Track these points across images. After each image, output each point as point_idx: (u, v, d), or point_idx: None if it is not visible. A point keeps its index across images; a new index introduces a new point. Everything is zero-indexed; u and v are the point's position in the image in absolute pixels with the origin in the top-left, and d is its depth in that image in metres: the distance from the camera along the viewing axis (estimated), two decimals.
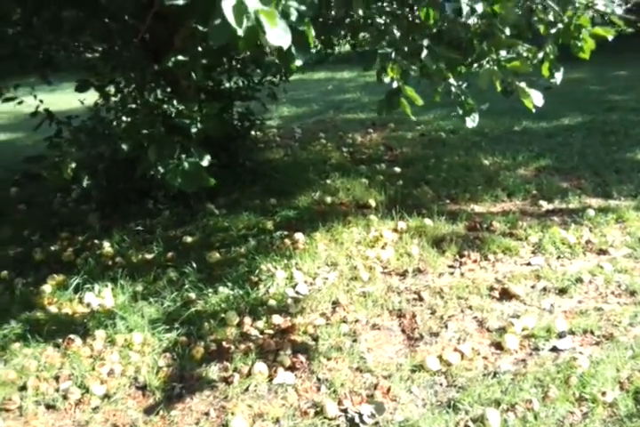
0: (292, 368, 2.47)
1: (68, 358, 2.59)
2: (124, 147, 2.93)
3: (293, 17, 1.54)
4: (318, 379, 2.41)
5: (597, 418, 2.07)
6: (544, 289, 2.94)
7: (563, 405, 2.14)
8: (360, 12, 2.57)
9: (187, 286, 3.08)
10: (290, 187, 4.25)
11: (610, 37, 2.56)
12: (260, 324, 2.78)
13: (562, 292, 2.91)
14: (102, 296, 3.08)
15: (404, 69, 2.22)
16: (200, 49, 2.58)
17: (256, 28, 1.28)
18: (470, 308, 2.82)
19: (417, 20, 2.72)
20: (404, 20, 2.66)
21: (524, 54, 2.74)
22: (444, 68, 2.55)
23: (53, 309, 3.01)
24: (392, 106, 2.26)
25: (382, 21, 2.86)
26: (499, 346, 2.53)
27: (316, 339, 2.65)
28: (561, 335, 2.55)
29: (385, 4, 2.77)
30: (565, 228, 3.54)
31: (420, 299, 2.92)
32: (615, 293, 2.88)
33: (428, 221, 3.70)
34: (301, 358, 2.51)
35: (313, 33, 1.61)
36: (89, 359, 2.59)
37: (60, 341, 2.69)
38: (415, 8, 2.65)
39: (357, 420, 2.14)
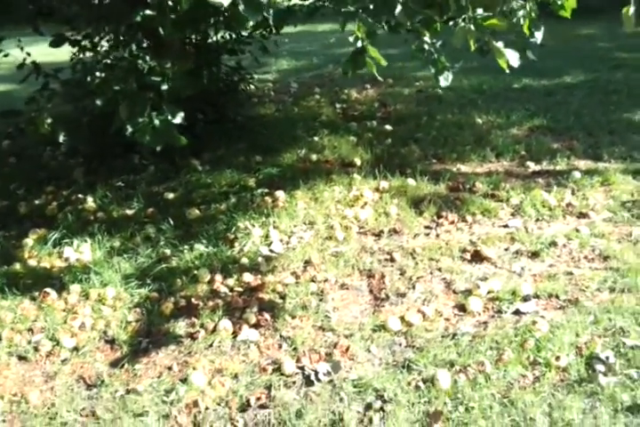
0: (256, 326, 2.52)
1: (43, 311, 2.66)
2: (98, 102, 2.90)
3: None
4: (281, 336, 2.46)
5: (547, 382, 2.09)
6: (517, 252, 2.94)
7: (515, 368, 2.16)
8: None
9: (162, 243, 3.12)
10: (276, 143, 4.21)
11: None
12: (231, 281, 2.81)
13: (534, 255, 2.90)
14: (80, 251, 3.13)
15: (371, 29, 2.14)
16: (170, 3, 2.50)
17: None
18: (440, 269, 2.83)
19: None
20: None
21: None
22: (418, 25, 2.46)
23: (33, 262, 3.07)
24: (357, 66, 2.19)
25: None
26: (462, 308, 2.55)
27: (283, 297, 2.68)
28: (525, 299, 2.56)
29: None
30: (548, 190, 3.49)
31: (392, 260, 2.93)
32: (588, 257, 2.86)
33: (410, 181, 3.67)
34: (267, 315, 2.56)
35: None
36: (62, 313, 2.66)
37: (37, 294, 2.76)
38: None
39: (313, 377, 2.19)
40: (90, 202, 3.61)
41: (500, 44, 2.55)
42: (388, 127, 4.56)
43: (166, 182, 3.82)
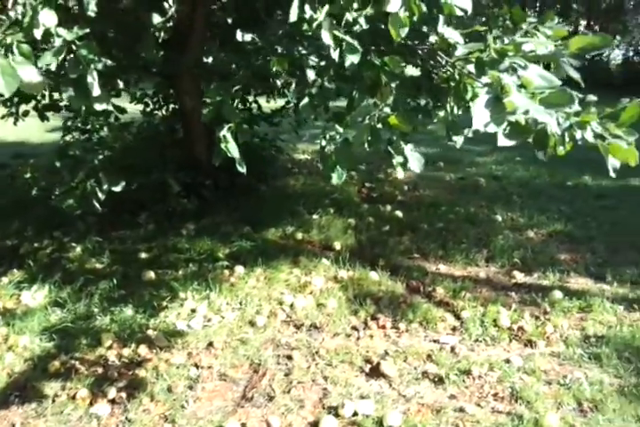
0: (112, 401, 2.52)
1: None
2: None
3: None
4: (126, 418, 2.43)
5: None
6: (424, 374, 2.62)
7: None
8: None
9: (97, 300, 3.26)
10: (270, 217, 4.25)
11: None
12: (127, 351, 2.85)
13: (439, 381, 2.57)
14: (34, 297, 3.39)
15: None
16: None
17: None
18: (326, 378, 2.61)
19: None
20: None
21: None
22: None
23: None
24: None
25: None
26: (315, 426, 2.33)
27: (160, 377, 2.66)
28: None
29: None
30: (514, 308, 3.09)
31: (290, 358, 2.78)
32: (498, 395, 2.47)
33: (373, 275, 3.48)
34: (130, 393, 2.55)
35: None
36: None
37: None
38: None
39: None
40: (78, 251, 3.91)
41: (408, 147, 2.42)
42: (399, 213, 4.38)
43: (150, 242, 4.01)
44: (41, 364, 2.76)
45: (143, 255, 3.82)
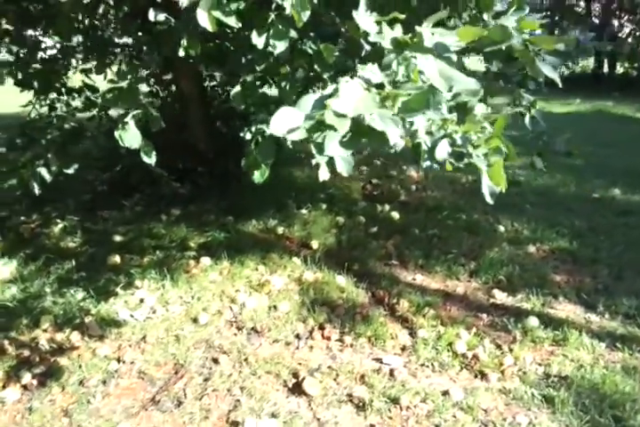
0: (24, 387, 2.45)
1: None
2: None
3: None
4: (30, 407, 2.35)
5: None
6: (348, 396, 2.38)
7: None
8: None
9: (54, 280, 3.22)
10: (256, 209, 4.07)
11: None
12: (60, 336, 2.78)
13: (363, 407, 2.32)
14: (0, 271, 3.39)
15: None
16: None
17: None
18: (243, 389, 2.43)
19: None
20: None
21: None
22: None
23: None
24: None
25: None
26: None
27: (79, 367, 2.57)
28: None
29: None
30: (477, 332, 2.78)
31: (216, 361, 2.61)
32: None
33: (340, 279, 3.24)
34: (43, 380, 2.48)
35: None
36: None
37: None
38: None
39: None
40: (57, 229, 3.90)
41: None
42: (395, 214, 4.09)
43: (129, 225, 3.94)
44: None
45: (117, 238, 3.75)
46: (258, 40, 1.92)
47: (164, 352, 2.68)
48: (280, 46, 1.93)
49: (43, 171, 2.80)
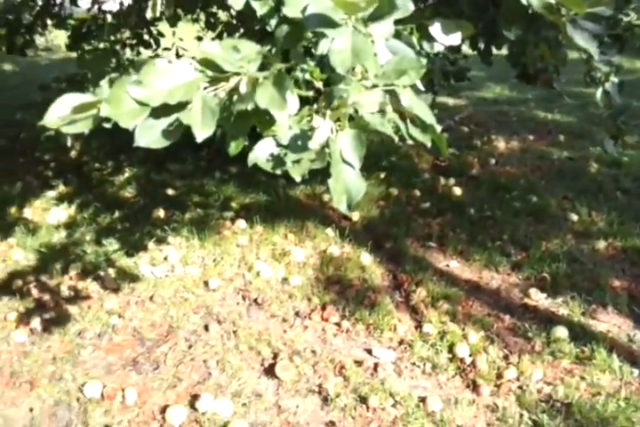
0: (31, 330, 2.63)
1: None
2: None
3: None
4: (26, 352, 2.51)
5: None
6: (319, 387, 2.25)
7: None
8: None
9: (97, 227, 3.39)
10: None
11: None
12: (81, 285, 2.93)
13: (329, 402, 2.19)
14: (58, 216, 3.62)
15: None
16: None
17: None
18: (218, 363, 2.40)
19: None
20: None
21: None
22: None
23: None
24: None
25: None
26: (164, 411, 2.16)
27: (83, 318, 2.69)
28: None
29: None
30: (487, 335, 2.47)
31: (206, 329, 2.60)
32: None
33: (364, 258, 3.05)
34: (48, 327, 2.63)
35: None
36: None
37: None
38: None
39: None
40: (122, 178, 4.08)
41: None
42: (457, 190, 3.72)
43: (185, 179, 4.00)
44: (9, 280, 2.98)
45: (169, 192, 3.84)
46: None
47: (164, 313, 2.73)
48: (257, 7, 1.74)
49: None
